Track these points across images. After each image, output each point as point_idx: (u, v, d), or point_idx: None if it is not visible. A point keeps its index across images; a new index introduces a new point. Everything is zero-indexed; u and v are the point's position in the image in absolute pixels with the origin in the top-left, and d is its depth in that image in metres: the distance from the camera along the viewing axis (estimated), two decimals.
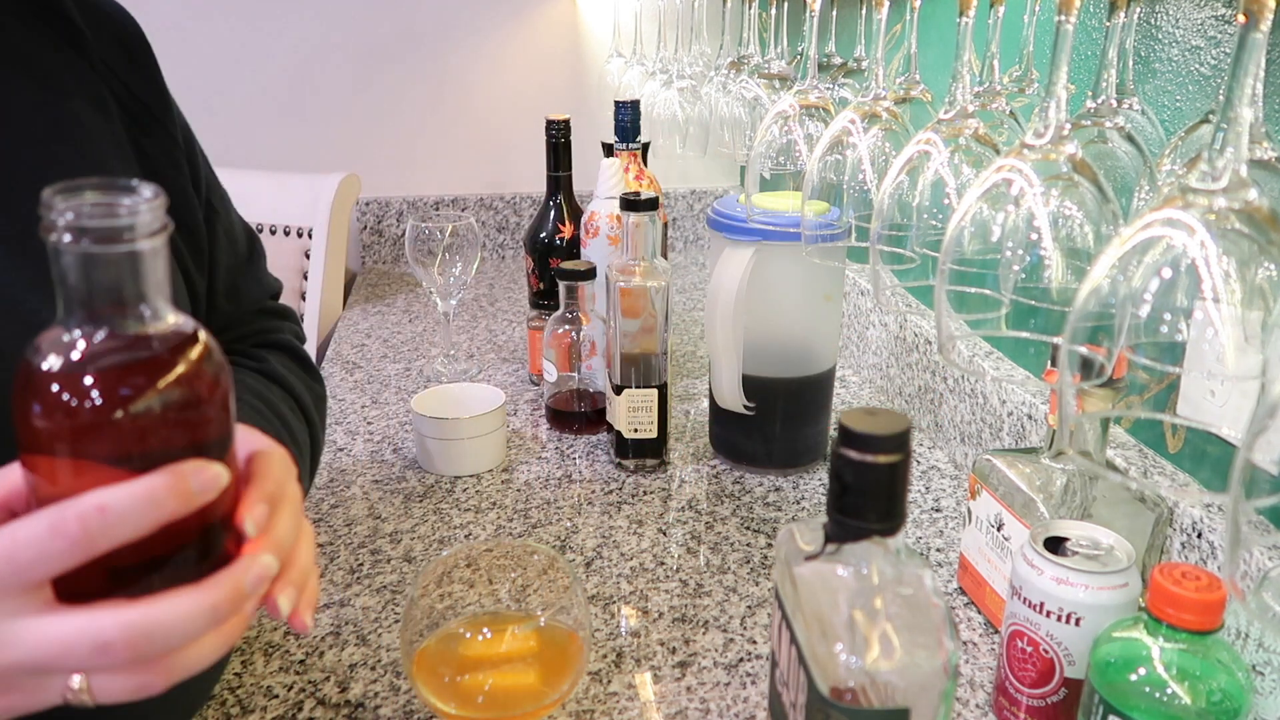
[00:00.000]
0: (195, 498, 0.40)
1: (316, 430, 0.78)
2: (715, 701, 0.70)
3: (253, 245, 0.81)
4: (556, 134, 1.22)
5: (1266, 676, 0.61)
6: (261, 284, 0.82)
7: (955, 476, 1.02)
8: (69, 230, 0.37)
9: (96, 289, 0.38)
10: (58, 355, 0.39)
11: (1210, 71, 0.71)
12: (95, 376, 0.39)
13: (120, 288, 0.39)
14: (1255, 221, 0.42)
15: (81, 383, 0.38)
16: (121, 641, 0.39)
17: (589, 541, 0.90)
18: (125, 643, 0.39)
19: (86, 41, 0.65)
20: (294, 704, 0.69)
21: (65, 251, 0.38)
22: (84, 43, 0.65)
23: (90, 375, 0.38)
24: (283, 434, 0.69)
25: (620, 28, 1.73)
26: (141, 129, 0.67)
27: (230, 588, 0.41)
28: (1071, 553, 0.63)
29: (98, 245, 0.38)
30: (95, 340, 0.39)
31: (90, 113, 0.63)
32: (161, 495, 0.39)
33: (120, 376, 0.39)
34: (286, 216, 1.59)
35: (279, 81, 1.72)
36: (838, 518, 0.44)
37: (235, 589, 0.42)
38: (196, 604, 0.40)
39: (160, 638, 0.39)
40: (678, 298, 1.61)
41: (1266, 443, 0.36)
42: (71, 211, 0.37)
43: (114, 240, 0.38)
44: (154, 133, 0.68)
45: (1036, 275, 0.57)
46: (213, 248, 0.73)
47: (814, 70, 0.87)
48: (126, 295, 0.39)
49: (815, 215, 0.87)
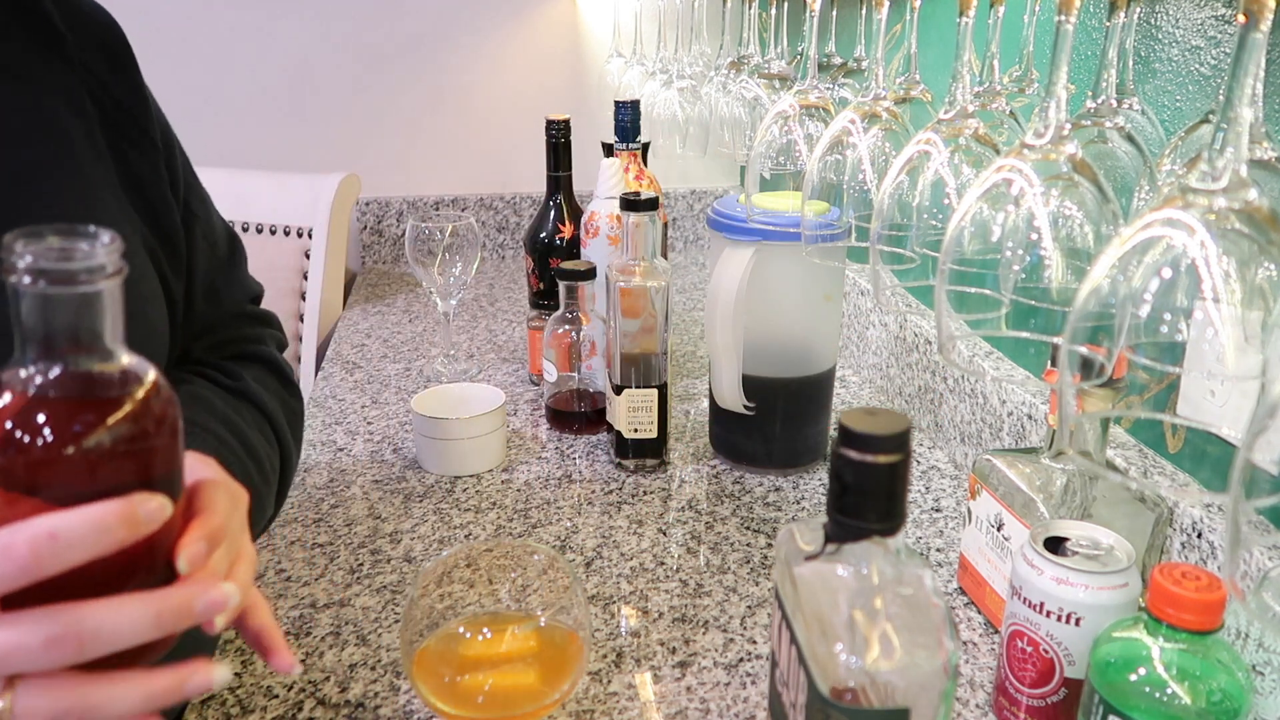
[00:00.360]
0: (142, 526, 0.41)
1: (289, 451, 0.79)
2: (715, 701, 0.70)
3: (233, 247, 0.81)
4: (556, 134, 1.22)
5: (1266, 676, 0.61)
6: (242, 286, 0.82)
7: (955, 476, 1.02)
8: (28, 273, 0.39)
9: (52, 329, 0.41)
10: (12, 391, 0.41)
11: (1210, 71, 0.71)
12: (48, 414, 0.41)
13: (75, 328, 0.41)
14: (1255, 221, 0.42)
15: (34, 419, 0.40)
16: (72, 634, 0.40)
17: (589, 541, 0.90)
18: (75, 636, 0.40)
19: (66, 43, 0.64)
20: (294, 704, 0.69)
21: (24, 293, 0.40)
22: (63, 44, 0.64)
23: (43, 412, 0.40)
24: (248, 465, 0.70)
25: (620, 28, 1.73)
26: (120, 132, 0.67)
27: (180, 600, 0.43)
28: (1071, 553, 0.63)
29: (54, 287, 0.40)
30: (50, 377, 0.41)
31: (68, 115, 0.63)
32: (111, 523, 0.40)
33: (72, 413, 0.41)
34: (286, 216, 1.59)
35: (279, 81, 1.72)
36: (838, 518, 0.44)
37: (184, 603, 0.43)
38: (144, 609, 0.41)
39: (107, 635, 0.40)
40: (678, 298, 1.61)
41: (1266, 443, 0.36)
42: (31, 254, 0.39)
43: (70, 283, 0.40)
44: (133, 136, 0.68)
45: (1036, 275, 0.57)
46: (191, 251, 0.72)
47: (814, 70, 0.87)
48: (81, 335, 0.41)
49: (815, 215, 0.87)
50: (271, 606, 0.53)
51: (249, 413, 0.74)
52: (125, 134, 0.67)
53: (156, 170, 0.69)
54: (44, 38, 0.63)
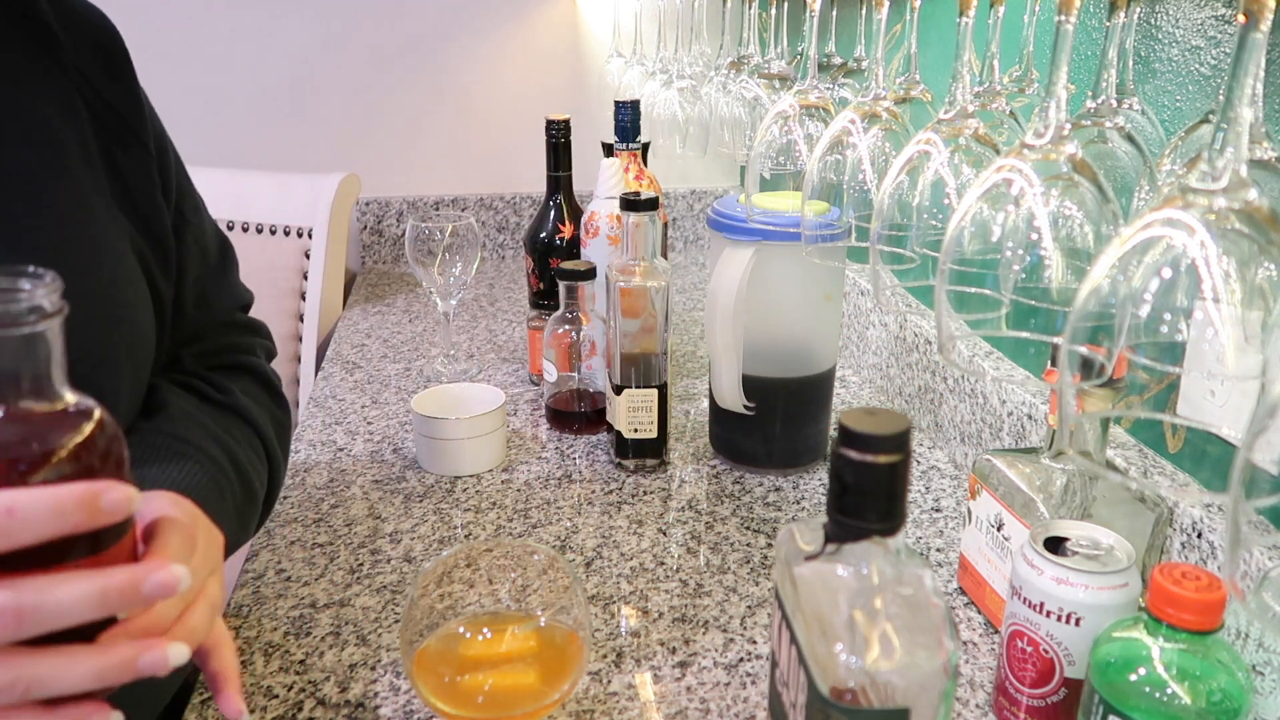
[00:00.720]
0: (102, 514, 0.41)
1: (278, 465, 0.80)
2: (715, 701, 0.70)
3: (225, 253, 0.81)
4: (556, 134, 1.22)
5: (1266, 676, 0.61)
6: (232, 294, 0.82)
7: (955, 476, 1.02)
8: None
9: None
10: None
11: (1210, 71, 0.71)
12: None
13: (18, 368, 0.41)
14: (1255, 221, 0.42)
15: None
16: (12, 605, 0.39)
17: (589, 541, 0.90)
18: (15, 607, 0.39)
19: (60, 46, 0.64)
20: (294, 704, 0.69)
21: None
22: (58, 47, 0.64)
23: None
24: (236, 486, 0.71)
25: (620, 28, 1.73)
26: (113, 136, 0.67)
27: (127, 578, 0.42)
28: (1071, 553, 0.63)
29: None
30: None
31: (60, 119, 0.63)
32: (68, 506, 0.40)
33: (18, 451, 0.41)
34: (286, 216, 1.59)
35: (279, 81, 1.72)
36: (838, 518, 0.44)
37: (131, 581, 0.42)
38: (88, 585, 0.41)
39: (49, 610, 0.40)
40: (678, 298, 1.61)
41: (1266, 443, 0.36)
42: None
43: (14, 325, 0.40)
44: (126, 141, 0.68)
45: (1036, 275, 0.57)
46: (182, 256, 0.72)
47: (814, 70, 0.87)
48: (23, 375, 0.41)
49: (815, 215, 0.87)
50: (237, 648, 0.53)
51: (239, 430, 0.74)
52: (118, 138, 0.67)
53: (149, 174, 0.69)
54: (39, 41, 0.63)
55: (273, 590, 0.82)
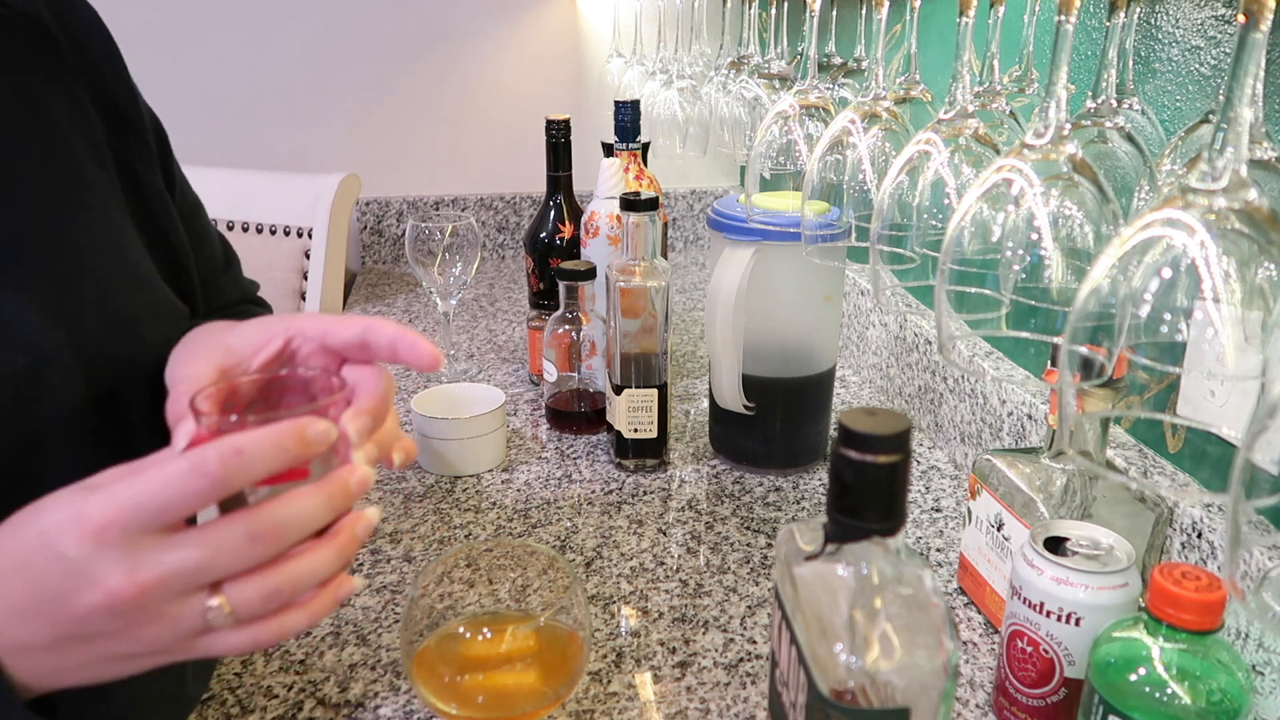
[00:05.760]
0: (311, 445, 0.46)
1: None
2: (715, 701, 0.70)
3: (228, 253, 0.82)
4: (556, 134, 1.22)
5: (1266, 676, 0.61)
6: (238, 287, 0.83)
7: (955, 476, 1.02)
8: None
9: None
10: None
11: (1210, 71, 0.71)
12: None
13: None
14: (1255, 221, 0.42)
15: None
16: (269, 528, 0.44)
17: (589, 541, 0.90)
18: (272, 529, 0.44)
19: (58, 45, 0.64)
20: (294, 704, 0.69)
21: None
22: (56, 46, 0.64)
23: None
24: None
25: (620, 28, 1.73)
26: (115, 133, 0.67)
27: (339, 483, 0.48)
28: (1071, 553, 0.63)
29: None
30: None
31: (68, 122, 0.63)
32: (287, 441, 0.45)
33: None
34: (286, 216, 1.59)
35: (279, 81, 1.72)
36: (838, 518, 0.44)
37: (343, 484, 0.48)
38: (316, 496, 0.47)
39: (294, 524, 0.46)
40: (678, 298, 1.61)
41: (1266, 443, 0.36)
42: None
43: None
44: (127, 137, 0.67)
45: (1036, 275, 0.57)
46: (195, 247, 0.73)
47: (814, 70, 0.87)
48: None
49: (815, 215, 0.87)
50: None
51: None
52: (119, 133, 0.67)
53: (151, 169, 0.69)
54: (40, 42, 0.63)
55: None
